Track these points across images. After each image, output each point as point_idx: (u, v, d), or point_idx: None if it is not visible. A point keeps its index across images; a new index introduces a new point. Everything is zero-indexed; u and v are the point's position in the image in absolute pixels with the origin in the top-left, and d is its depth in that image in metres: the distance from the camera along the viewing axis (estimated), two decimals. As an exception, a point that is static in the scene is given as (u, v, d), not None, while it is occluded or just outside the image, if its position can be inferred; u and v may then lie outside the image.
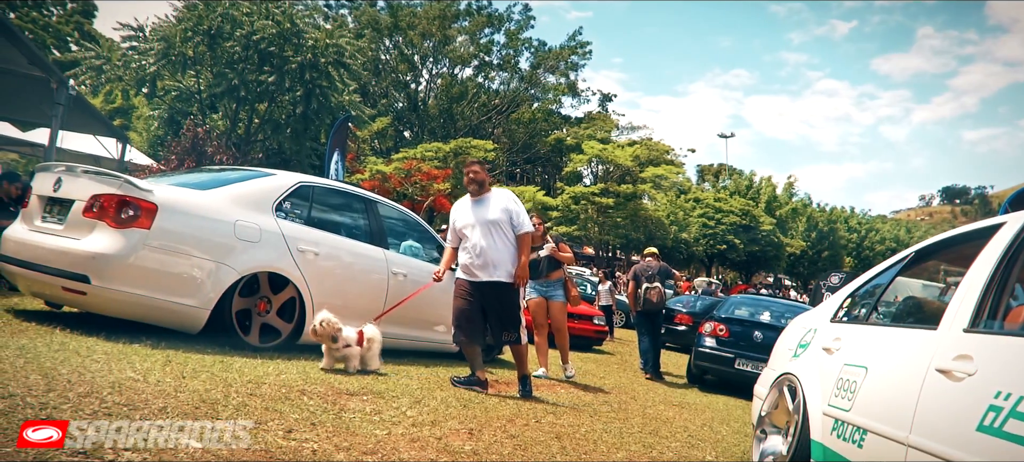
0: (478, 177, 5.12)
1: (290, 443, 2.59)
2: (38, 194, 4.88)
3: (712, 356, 8.39)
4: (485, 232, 4.97)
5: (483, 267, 4.95)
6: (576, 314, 11.65)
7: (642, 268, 9.14)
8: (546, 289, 6.83)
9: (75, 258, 4.26)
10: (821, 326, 3.55)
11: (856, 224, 53.20)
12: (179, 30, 15.30)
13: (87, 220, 4.36)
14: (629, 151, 33.53)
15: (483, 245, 4.95)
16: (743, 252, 38.00)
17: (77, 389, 2.71)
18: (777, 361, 3.89)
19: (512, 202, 5.10)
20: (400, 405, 3.86)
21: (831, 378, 3.08)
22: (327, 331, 4.53)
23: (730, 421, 5.94)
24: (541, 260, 6.68)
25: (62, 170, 4.78)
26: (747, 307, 9.48)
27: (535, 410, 4.58)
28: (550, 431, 3.89)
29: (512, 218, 5.03)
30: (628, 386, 7.33)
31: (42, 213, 4.78)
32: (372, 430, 3.10)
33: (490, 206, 5.04)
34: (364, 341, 4.78)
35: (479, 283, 4.97)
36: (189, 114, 17.33)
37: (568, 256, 6.86)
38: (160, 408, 2.68)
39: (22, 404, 2.41)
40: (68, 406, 2.48)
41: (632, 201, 32.26)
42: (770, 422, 3.54)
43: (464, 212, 5.16)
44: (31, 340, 3.70)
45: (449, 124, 39.77)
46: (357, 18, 39.02)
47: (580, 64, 42.63)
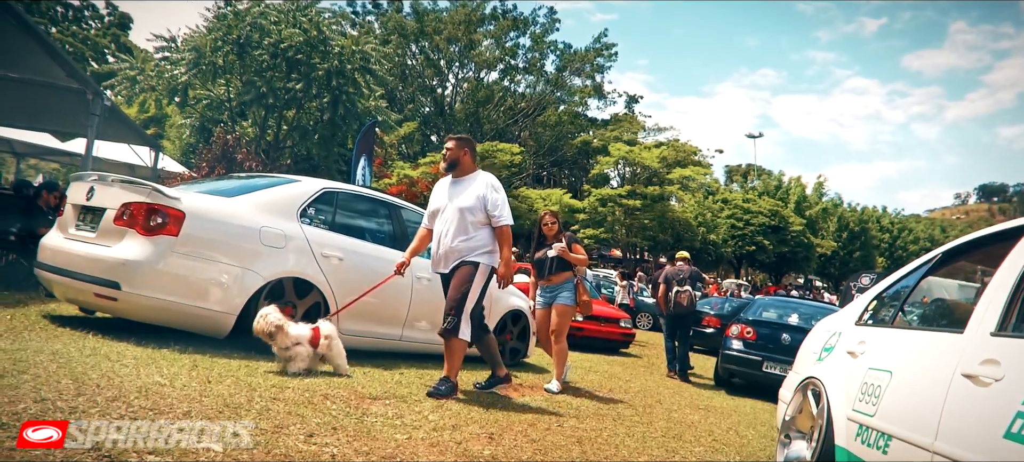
0: (452, 155, 4.58)
1: (310, 447, 2.63)
2: (72, 203, 5.02)
3: (739, 359, 8.30)
4: (455, 218, 4.45)
5: (444, 259, 4.50)
6: (602, 316, 11.62)
7: (673, 272, 9.26)
8: (552, 293, 6.09)
9: (106, 265, 4.38)
10: (846, 329, 3.49)
11: (888, 224, 52.19)
12: (209, 40, 15.58)
13: (118, 228, 4.47)
14: (656, 152, 33.30)
15: (449, 232, 4.45)
16: (772, 253, 37.47)
17: (106, 393, 2.78)
18: (801, 365, 3.83)
19: (490, 188, 4.49)
20: (422, 409, 3.88)
21: (855, 382, 3.03)
22: (263, 328, 4.14)
23: (757, 425, 5.87)
24: (549, 260, 6.06)
25: (94, 179, 4.92)
26: (775, 309, 9.36)
27: (559, 414, 4.57)
28: (572, 435, 3.88)
29: (487, 206, 4.44)
30: (654, 390, 7.28)
31: (76, 221, 4.91)
32: (393, 434, 3.12)
33: (467, 190, 4.49)
34: (321, 339, 4.37)
35: (445, 276, 4.54)
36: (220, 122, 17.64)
37: (581, 257, 6.11)
38: (185, 412, 2.74)
39: (53, 408, 2.49)
40: (96, 410, 2.55)
41: (659, 203, 32.04)
42: (794, 427, 3.49)
43: (440, 193, 4.67)
44: (65, 345, 3.81)
45: (475, 128, 39.90)
46: (384, 25, 39.40)
47: (606, 66, 42.48)
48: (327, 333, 4.43)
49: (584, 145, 40.97)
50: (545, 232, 6.24)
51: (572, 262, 6.06)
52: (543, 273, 6.13)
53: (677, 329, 9.18)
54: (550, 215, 6.33)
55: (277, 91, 16.14)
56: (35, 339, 3.94)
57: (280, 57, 15.70)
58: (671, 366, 9.15)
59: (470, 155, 4.65)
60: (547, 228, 6.22)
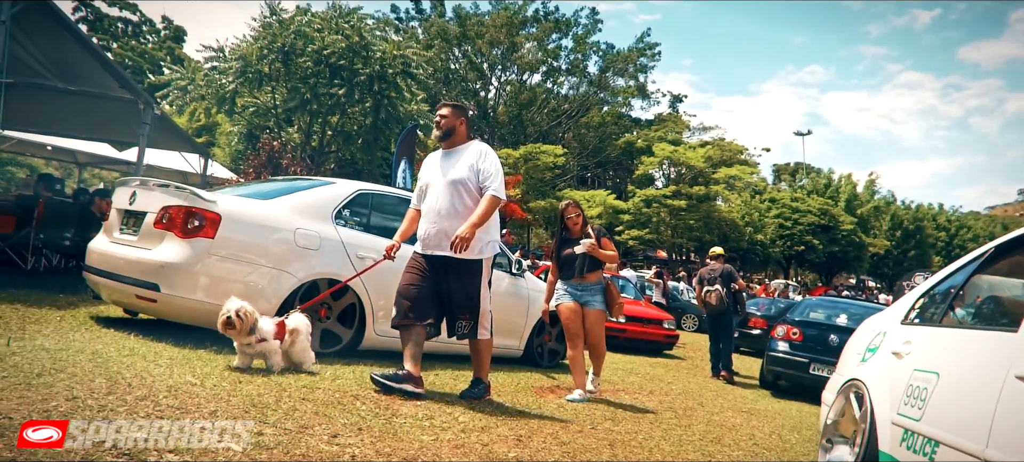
0: (447, 123, 4.18)
1: (332, 448, 2.62)
2: (116, 207, 5.17)
3: (785, 361, 8.04)
4: (447, 193, 4.03)
5: (438, 238, 4.02)
6: (644, 317, 11.45)
7: (706, 271, 9.14)
8: (581, 293, 5.43)
9: (147, 267, 4.48)
10: (891, 328, 3.32)
11: (945, 221, 50.21)
12: (255, 48, 15.99)
13: (157, 231, 4.58)
14: (701, 152, 32.79)
15: (441, 209, 4.03)
16: (822, 253, 36.40)
17: (136, 392, 2.83)
18: (844, 366, 3.67)
19: (482, 156, 4.09)
20: (454, 411, 3.85)
21: (900, 385, 2.87)
22: (247, 324, 3.78)
23: (802, 429, 5.66)
24: (577, 257, 5.40)
25: (137, 184, 5.05)
26: (823, 309, 9.05)
27: (593, 417, 4.49)
28: (604, 438, 3.79)
29: (480, 176, 4.03)
30: (696, 391, 7.11)
31: (120, 225, 5.05)
32: (419, 435, 3.09)
33: (459, 161, 4.08)
34: (286, 333, 4.03)
35: (433, 258, 4.07)
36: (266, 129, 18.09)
37: (611, 253, 5.46)
38: (211, 411, 2.76)
39: (82, 406, 2.53)
40: (124, 408, 2.59)
41: (705, 203, 31.53)
42: (836, 431, 3.33)
43: (430, 166, 4.25)
44: (105, 345, 3.90)
45: (519, 130, 39.97)
46: (426, 30, 39.81)
47: (649, 66, 42.11)
48: (294, 326, 4.10)
49: (628, 146, 40.61)
50: (569, 226, 5.54)
51: (603, 260, 5.45)
52: (572, 273, 5.43)
53: (715, 329, 9.07)
54: (573, 207, 5.61)
55: (321, 97, 16.45)
56: (78, 339, 4.05)
57: (323, 63, 16.01)
58: (715, 369, 9.00)
59: (466, 124, 4.27)
60: (571, 222, 5.53)
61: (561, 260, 5.51)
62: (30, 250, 8.02)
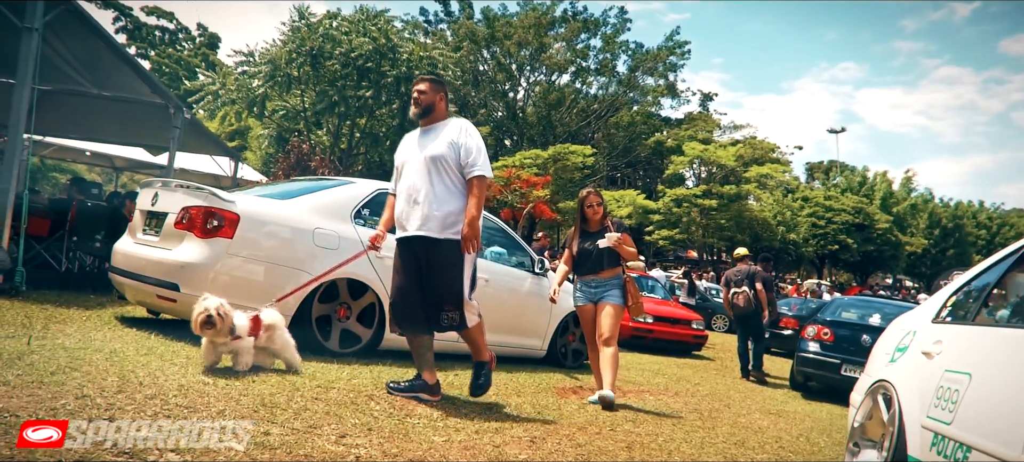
0: (426, 99, 3.86)
1: (338, 448, 2.58)
2: (140, 209, 5.23)
3: (816, 361, 7.84)
4: (424, 170, 3.73)
5: (411, 217, 3.73)
6: (672, 317, 11.28)
7: (732, 273, 9.08)
8: (596, 290, 5.03)
9: (167, 267, 4.52)
10: (921, 327, 3.17)
11: (986, 219, 48.67)
12: (284, 52, 16.20)
13: (178, 231, 4.61)
14: (732, 151, 32.27)
15: (416, 188, 3.73)
16: (857, 252, 35.52)
17: (146, 391, 2.83)
18: (873, 366, 3.52)
19: (464, 133, 3.79)
20: (470, 411, 3.80)
21: (930, 386, 2.73)
22: (227, 322, 3.49)
23: (832, 432, 5.48)
24: (596, 252, 4.99)
25: (159, 185, 5.11)
26: (855, 309, 8.81)
27: (614, 418, 4.39)
28: (623, 441, 3.70)
29: (461, 154, 3.72)
30: (723, 393, 6.95)
31: (143, 226, 5.12)
32: (431, 436, 3.05)
33: (438, 138, 3.79)
34: (262, 329, 3.75)
35: (409, 239, 3.77)
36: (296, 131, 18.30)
37: (632, 251, 5.08)
38: (219, 410, 2.74)
39: (91, 404, 2.54)
40: (132, 407, 2.58)
41: (736, 202, 31.02)
42: (864, 434, 3.19)
43: (407, 146, 3.98)
44: (124, 344, 3.94)
45: (548, 131, 39.83)
46: (455, 32, 39.93)
47: (679, 64, 41.55)
48: (270, 322, 3.83)
49: (658, 145, 40.19)
50: (588, 216, 5.14)
51: (626, 257, 5.07)
52: (590, 268, 5.04)
53: (742, 331, 8.96)
54: (595, 195, 5.20)
55: (349, 99, 16.62)
56: (99, 338, 4.10)
57: (351, 66, 16.16)
58: (744, 370, 8.85)
59: (445, 101, 3.97)
60: (592, 211, 5.13)
61: (580, 254, 5.14)
62: (64, 252, 8.20)
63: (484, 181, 3.73)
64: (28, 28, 6.41)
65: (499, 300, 6.14)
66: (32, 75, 6.46)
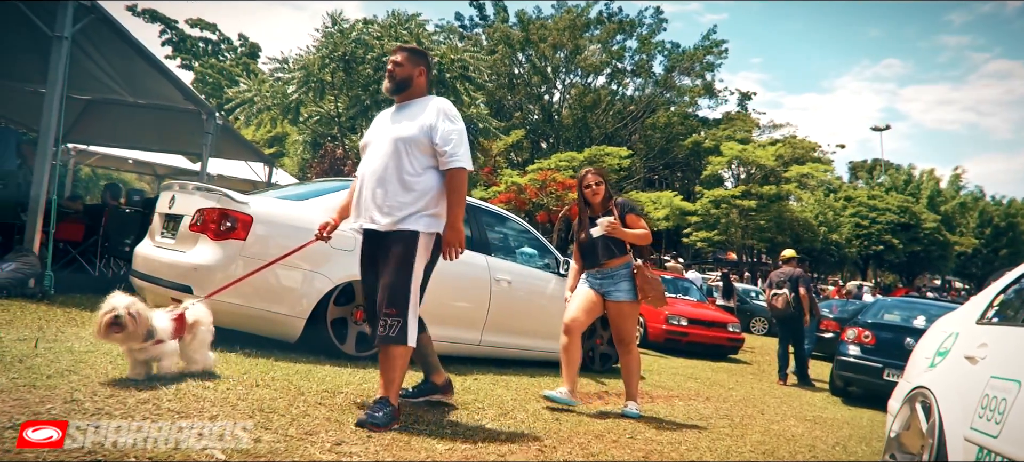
0: (402, 72, 3.31)
1: (329, 456, 2.46)
2: (159, 211, 5.24)
3: (856, 365, 7.50)
4: (387, 153, 3.16)
5: (368, 207, 3.17)
6: (706, 320, 10.98)
7: (776, 274, 8.87)
8: (602, 282, 4.48)
9: (181, 270, 4.49)
10: (964, 329, 2.91)
11: (1042, 217, 46.58)
12: (317, 58, 16.35)
13: (192, 233, 4.59)
14: (771, 150, 31.52)
15: (375, 172, 3.17)
16: (903, 253, 34.29)
17: (139, 394, 2.76)
18: (911, 371, 3.26)
19: (442, 116, 3.19)
20: (482, 418, 3.66)
21: (974, 394, 2.48)
22: (142, 325, 2.99)
23: (871, 440, 5.18)
24: (595, 242, 4.45)
25: (177, 188, 5.11)
26: (898, 310, 8.42)
27: (635, 425, 4.19)
28: (640, 450, 3.50)
29: (436, 139, 3.14)
30: (758, 398, 6.68)
31: (161, 229, 5.11)
32: (434, 444, 2.91)
33: (411, 118, 3.23)
34: (186, 328, 3.32)
35: (367, 231, 3.24)
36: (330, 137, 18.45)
37: (638, 233, 4.42)
38: (212, 415, 2.65)
39: (78, 408, 2.47)
40: (121, 411, 2.51)
41: (776, 203, 30.27)
42: (900, 445, 2.94)
43: (377, 124, 3.42)
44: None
45: (584, 133, 39.56)
46: (490, 36, 39.97)
47: (716, 64, 40.91)
48: (195, 319, 3.39)
49: (695, 146, 39.55)
50: (589, 199, 4.57)
51: (628, 241, 4.43)
52: (592, 260, 4.51)
53: (783, 333, 8.71)
54: (593, 174, 4.59)
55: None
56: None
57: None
58: (782, 373, 8.55)
59: (425, 76, 3.40)
60: (591, 192, 4.53)
61: (581, 246, 4.59)
62: (98, 256, 8.35)
63: (465, 173, 3.19)
64: (58, 37, 6.51)
65: (522, 303, 6.01)
66: (62, 83, 6.56)
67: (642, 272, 4.45)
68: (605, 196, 4.54)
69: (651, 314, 10.96)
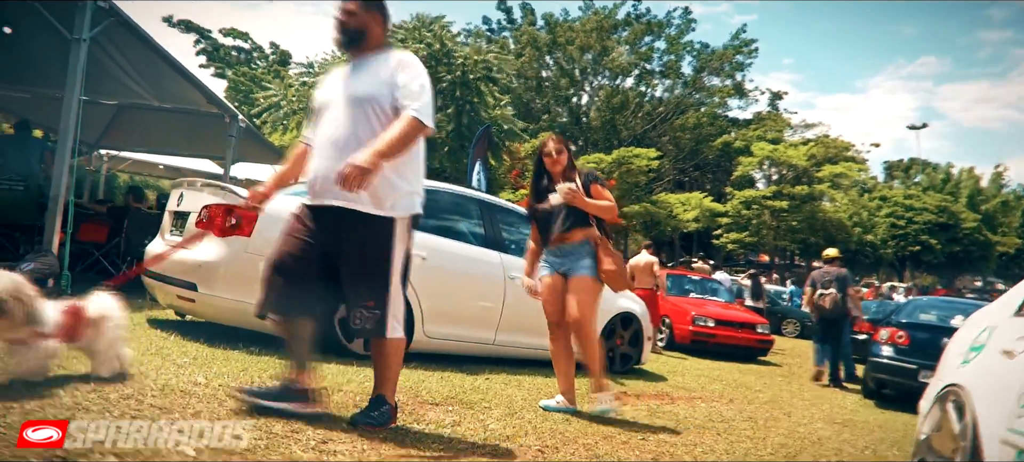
0: (356, 22, 2.81)
1: (310, 455, 2.34)
2: (168, 209, 5.22)
3: (890, 367, 7.20)
4: (348, 116, 2.71)
5: (331, 181, 2.59)
6: (734, 321, 10.71)
7: (819, 274, 8.64)
8: (562, 261, 4.01)
9: (186, 267, 4.44)
10: (1000, 323, 2.68)
11: (1089, 216, 44.90)
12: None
13: (198, 230, 4.54)
14: (803, 150, 30.89)
15: (337, 139, 2.70)
16: (941, 253, 33.27)
17: (123, 391, 2.67)
18: (944, 369, 3.03)
19: (402, 67, 2.74)
20: (487, 418, 3.51)
21: (1012, 393, 2.26)
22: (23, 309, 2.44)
23: (904, 444, 4.89)
24: (555, 210, 3.97)
25: (185, 186, 5.08)
26: (934, 310, 8.09)
27: (649, 428, 4.01)
28: (651, 452, 3.32)
29: (394, 91, 2.69)
30: (785, 400, 6.42)
31: (170, 227, 5.09)
32: (429, 443, 2.77)
33: (369, 74, 2.77)
34: (86, 324, 2.74)
35: (323, 211, 2.75)
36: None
37: (603, 204, 3.94)
38: (194, 413, 2.56)
39: (57, 406, 2.39)
40: (99, 406, 2.42)
41: (809, 203, 29.64)
42: (931, 448, 2.72)
43: (331, 83, 2.94)
44: (136, 346, 3.83)
45: (612, 135, 39.25)
46: (517, 39, 39.91)
47: (746, 64, 40.26)
48: (99, 313, 2.79)
49: (725, 146, 38.95)
50: (549, 168, 4.05)
51: (592, 212, 3.94)
52: (549, 231, 4.02)
53: (827, 334, 8.46)
54: (555, 141, 4.07)
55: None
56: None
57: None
58: (819, 359, 8.48)
59: (383, 27, 2.90)
60: (551, 160, 4.02)
61: (537, 218, 4.11)
62: (121, 257, 8.43)
63: (420, 126, 2.63)
64: (76, 39, 6.56)
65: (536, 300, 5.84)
66: (79, 85, 6.61)
67: (605, 245, 3.99)
68: (567, 166, 4.03)
69: (677, 315, 10.72)
